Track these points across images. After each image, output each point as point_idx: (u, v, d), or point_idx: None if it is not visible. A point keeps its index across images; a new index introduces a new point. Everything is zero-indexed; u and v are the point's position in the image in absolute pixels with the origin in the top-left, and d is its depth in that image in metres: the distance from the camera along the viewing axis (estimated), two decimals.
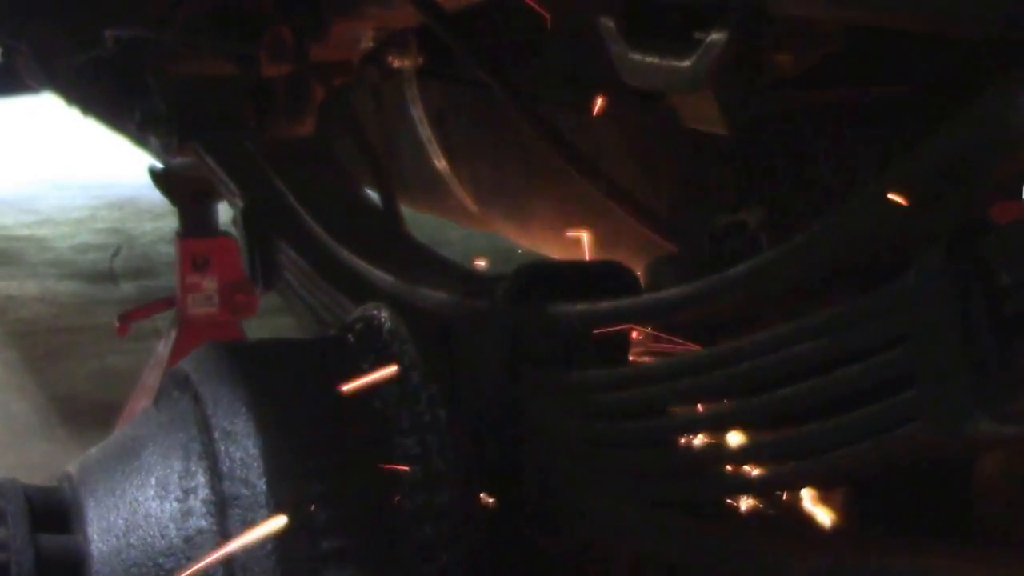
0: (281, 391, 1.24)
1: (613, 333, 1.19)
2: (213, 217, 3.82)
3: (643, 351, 1.22)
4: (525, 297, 1.26)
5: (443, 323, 1.35)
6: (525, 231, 2.28)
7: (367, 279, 1.63)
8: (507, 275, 1.29)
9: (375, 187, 2.10)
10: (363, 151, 2.11)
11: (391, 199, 2.06)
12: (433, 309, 1.41)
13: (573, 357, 1.21)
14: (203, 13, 2.19)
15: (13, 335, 4.91)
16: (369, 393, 1.25)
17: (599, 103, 1.57)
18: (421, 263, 1.66)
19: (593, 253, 1.58)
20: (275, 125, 2.23)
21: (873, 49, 1.18)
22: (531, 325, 1.24)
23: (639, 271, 1.31)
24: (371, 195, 2.09)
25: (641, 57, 1.14)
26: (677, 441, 1.10)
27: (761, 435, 1.01)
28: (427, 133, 2.27)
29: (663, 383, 1.09)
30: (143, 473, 1.21)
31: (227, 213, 2.76)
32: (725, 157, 1.56)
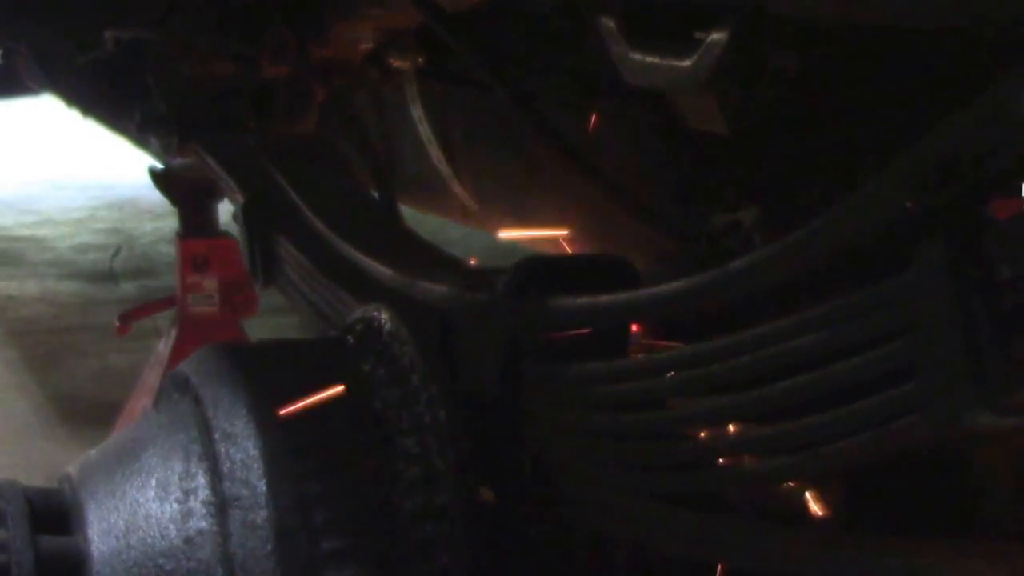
0: (281, 393, 1.24)
1: (613, 326, 1.19)
2: (213, 217, 3.82)
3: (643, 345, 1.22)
4: (525, 291, 1.26)
5: (443, 317, 1.35)
6: (525, 230, 2.28)
7: (367, 273, 1.63)
8: (507, 269, 1.29)
9: (375, 186, 2.10)
10: (363, 151, 2.11)
11: (391, 196, 2.06)
12: (433, 303, 1.41)
13: (573, 350, 1.20)
14: (203, 14, 2.19)
15: (13, 335, 4.91)
16: (369, 394, 1.25)
17: (599, 103, 1.57)
18: (421, 257, 1.66)
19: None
20: (275, 126, 2.22)
21: (873, 48, 1.18)
22: (531, 318, 1.24)
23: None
24: (372, 191, 2.09)
25: (641, 57, 1.14)
26: (677, 434, 1.11)
27: (761, 427, 1.01)
28: (427, 133, 2.27)
29: (663, 376, 1.09)
30: (143, 474, 1.21)
31: (227, 213, 2.76)
32: (724, 156, 1.56)
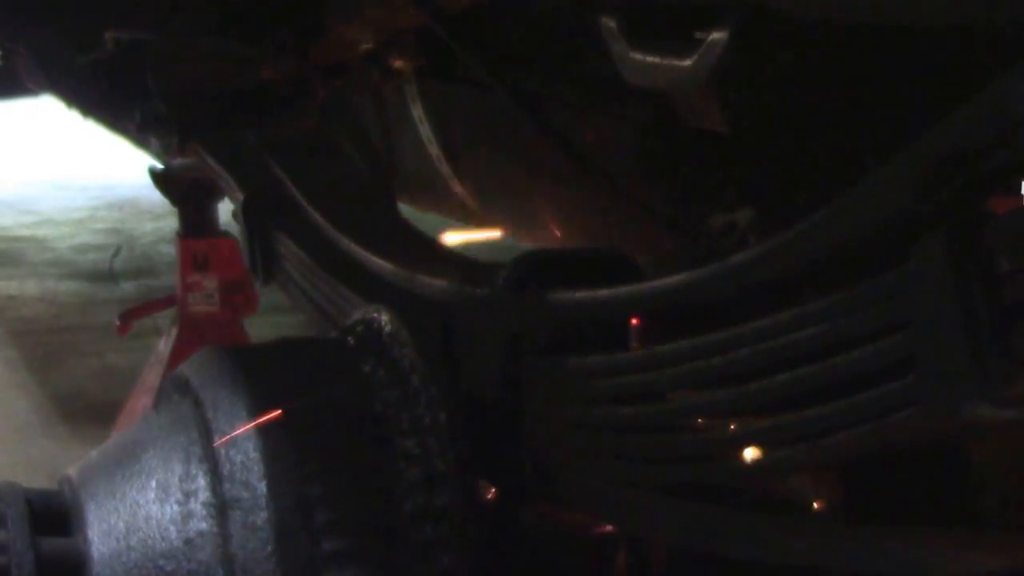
0: (281, 394, 1.24)
1: (613, 319, 1.19)
2: (213, 217, 3.83)
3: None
4: (525, 284, 1.26)
5: (444, 316, 1.35)
6: (526, 228, 2.28)
7: (367, 268, 1.63)
8: (507, 263, 1.29)
9: (375, 185, 2.10)
10: (363, 151, 2.11)
11: (390, 193, 2.06)
12: (433, 298, 1.41)
13: (573, 344, 1.20)
14: (204, 14, 2.18)
15: (14, 334, 4.92)
16: (369, 395, 1.25)
17: (600, 102, 1.57)
18: (421, 252, 1.66)
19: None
20: (276, 126, 2.22)
21: (873, 48, 1.17)
22: (531, 312, 1.24)
23: None
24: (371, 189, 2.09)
25: (642, 57, 1.14)
26: (678, 427, 1.11)
27: (761, 420, 1.02)
28: (427, 133, 2.27)
29: (664, 369, 1.09)
30: (144, 476, 1.21)
31: (227, 213, 2.76)
32: (723, 156, 1.55)
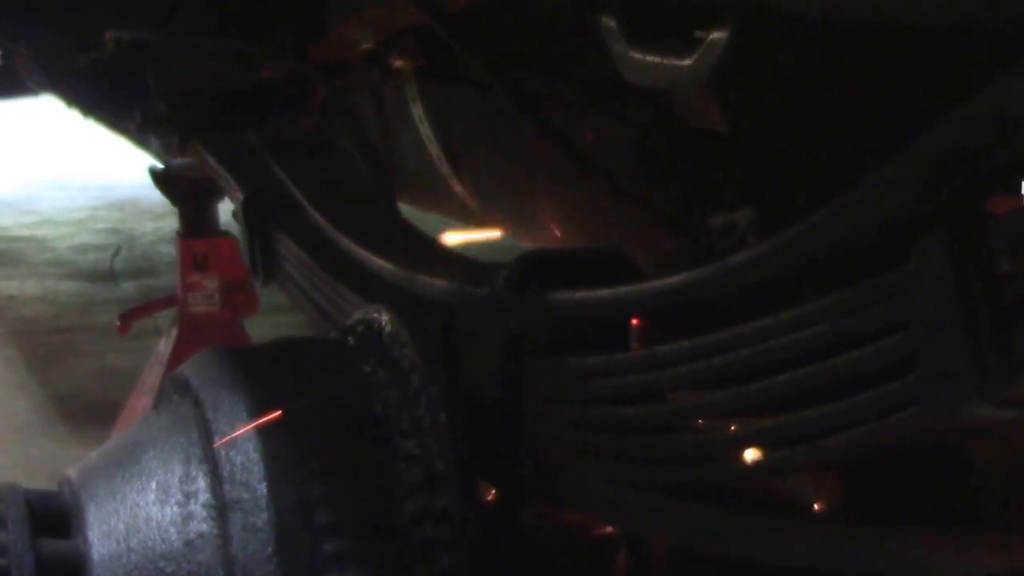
0: (281, 395, 1.24)
1: (614, 320, 1.18)
2: (213, 217, 3.83)
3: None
4: (526, 284, 1.26)
5: (444, 316, 1.35)
6: (526, 228, 2.28)
7: (367, 268, 1.63)
8: (508, 263, 1.28)
9: (375, 185, 2.10)
10: (363, 151, 2.11)
11: (390, 193, 2.06)
12: (434, 297, 1.41)
13: (574, 344, 1.20)
14: (204, 14, 2.18)
15: (14, 334, 4.92)
16: (369, 396, 1.25)
17: (600, 102, 1.57)
18: (422, 252, 1.66)
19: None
20: (276, 126, 2.22)
21: (872, 47, 1.17)
22: (532, 312, 1.24)
23: None
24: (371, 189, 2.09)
25: (642, 56, 1.14)
26: (678, 427, 1.11)
27: (761, 420, 1.01)
28: (427, 133, 2.27)
29: (664, 369, 1.09)
30: (144, 477, 1.21)
31: (227, 213, 2.76)
32: (723, 156, 1.55)
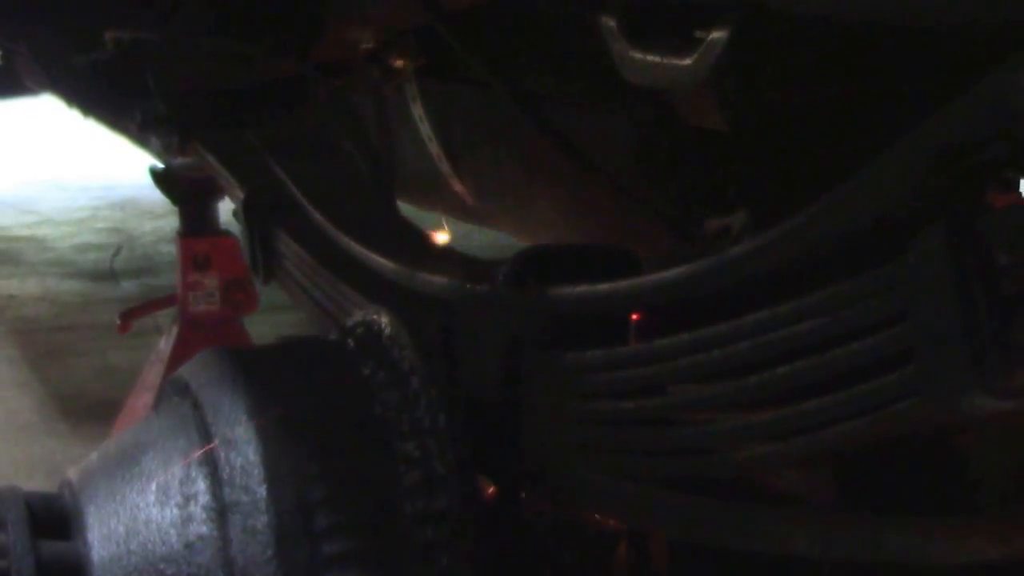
0: (281, 397, 1.24)
1: (613, 314, 1.18)
2: (214, 216, 3.83)
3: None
4: (525, 280, 1.26)
5: (444, 316, 1.35)
6: (525, 227, 2.28)
7: (368, 267, 1.63)
8: (507, 259, 1.28)
9: (375, 184, 2.10)
10: (363, 150, 2.11)
11: (390, 192, 2.06)
12: (434, 295, 1.41)
13: (573, 338, 1.20)
14: (203, 14, 2.18)
15: (15, 333, 4.92)
16: (369, 398, 1.25)
17: (600, 101, 1.57)
18: (421, 249, 1.66)
19: None
20: (276, 126, 2.22)
21: (872, 47, 1.17)
22: (532, 308, 1.24)
23: None
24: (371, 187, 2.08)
25: (642, 56, 1.14)
26: (678, 420, 1.11)
27: (761, 413, 1.02)
28: (427, 132, 2.27)
29: (664, 363, 1.09)
30: (144, 479, 1.21)
31: (227, 212, 2.76)
32: (723, 156, 1.55)
